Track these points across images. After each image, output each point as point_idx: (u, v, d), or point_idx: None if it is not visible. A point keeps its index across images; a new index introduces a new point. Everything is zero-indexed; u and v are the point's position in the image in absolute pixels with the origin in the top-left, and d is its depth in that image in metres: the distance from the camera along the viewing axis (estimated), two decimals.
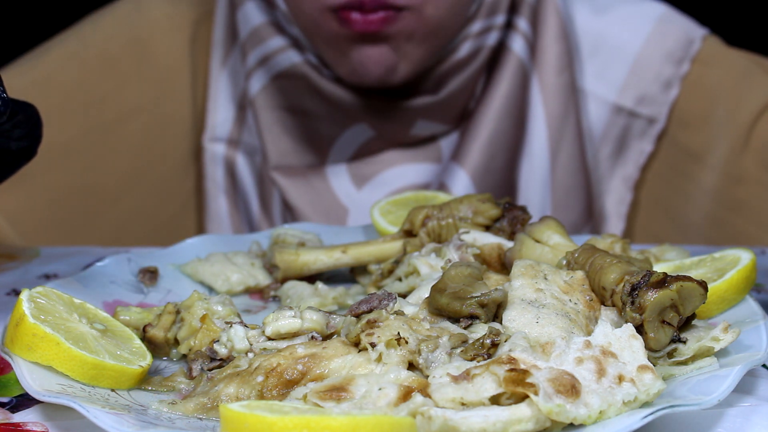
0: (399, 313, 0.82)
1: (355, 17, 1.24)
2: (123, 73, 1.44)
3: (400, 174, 1.40)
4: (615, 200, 1.46)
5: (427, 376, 0.75)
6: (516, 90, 1.38)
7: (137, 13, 1.45)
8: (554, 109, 1.39)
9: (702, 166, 1.42)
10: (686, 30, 1.43)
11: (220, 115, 1.46)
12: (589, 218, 1.43)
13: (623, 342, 0.75)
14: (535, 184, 1.40)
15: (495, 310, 0.83)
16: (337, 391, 0.73)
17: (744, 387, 0.81)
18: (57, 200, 1.43)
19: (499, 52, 1.38)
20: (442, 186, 1.38)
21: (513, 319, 0.80)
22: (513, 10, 1.37)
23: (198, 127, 1.49)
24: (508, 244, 0.97)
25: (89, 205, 1.45)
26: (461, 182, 1.37)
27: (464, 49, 1.34)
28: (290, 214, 1.43)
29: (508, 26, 1.37)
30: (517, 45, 1.37)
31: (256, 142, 1.45)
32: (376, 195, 1.40)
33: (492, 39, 1.36)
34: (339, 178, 1.41)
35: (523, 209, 1.03)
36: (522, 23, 1.37)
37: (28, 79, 1.40)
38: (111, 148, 1.45)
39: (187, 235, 1.17)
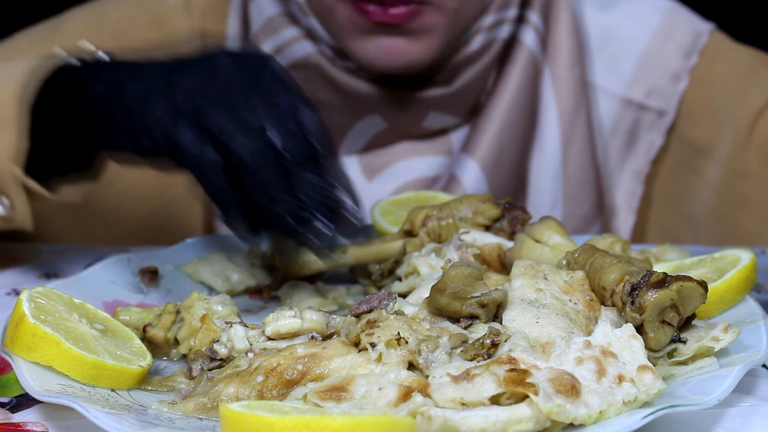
0: (399, 313, 0.82)
1: (372, 9, 1.24)
2: (138, 54, 1.43)
3: (411, 166, 1.40)
4: (625, 194, 1.46)
5: (427, 376, 0.75)
6: (527, 83, 1.38)
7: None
8: (566, 103, 1.40)
9: (707, 161, 1.42)
10: (694, 23, 1.43)
11: None
12: (600, 212, 1.43)
13: (623, 342, 0.75)
14: (546, 177, 1.40)
15: (495, 310, 0.83)
16: (337, 391, 0.73)
17: (744, 387, 0.81)
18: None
19: (510, 45, 1.38)
20: (452, 177, 1.38)
21: (513, 319, 0.80)
22: (525, 4, 1.38)
23: None
24: (508, 244, 0.97)
25: (89, 204, 1.44)
26: (472, 173, 1.37)
27: (476, 42, 1.34)
28: None
29: (520, 20, 1.38)
30: (529, 38, 1.37)
31: None
32: (386, 187, 1.40)
33: (504, 32, 1.36)
34: (350, 169, 1.40)
35: (523, 209, 1.03)
36: (534, 17, 1.37)
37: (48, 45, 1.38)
38: None
39: (188, 235, 1.16)
